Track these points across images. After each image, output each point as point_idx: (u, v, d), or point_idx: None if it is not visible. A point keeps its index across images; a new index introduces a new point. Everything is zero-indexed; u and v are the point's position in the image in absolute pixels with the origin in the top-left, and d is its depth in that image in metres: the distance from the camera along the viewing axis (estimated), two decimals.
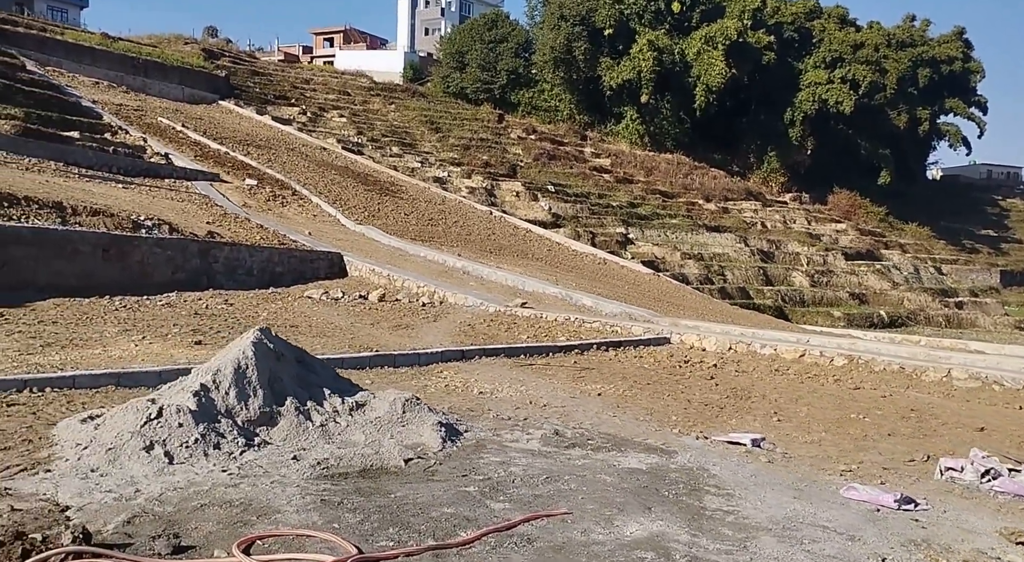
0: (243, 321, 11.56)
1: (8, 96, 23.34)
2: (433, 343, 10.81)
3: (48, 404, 6.34)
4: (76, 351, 8.57)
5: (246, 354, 5.39)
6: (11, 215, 12.57)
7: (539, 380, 8.59)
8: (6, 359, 7.88)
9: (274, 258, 15.81)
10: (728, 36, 47.67)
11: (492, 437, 5.71)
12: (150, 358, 8.51)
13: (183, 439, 4.74)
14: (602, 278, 23.39)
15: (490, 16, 51.79)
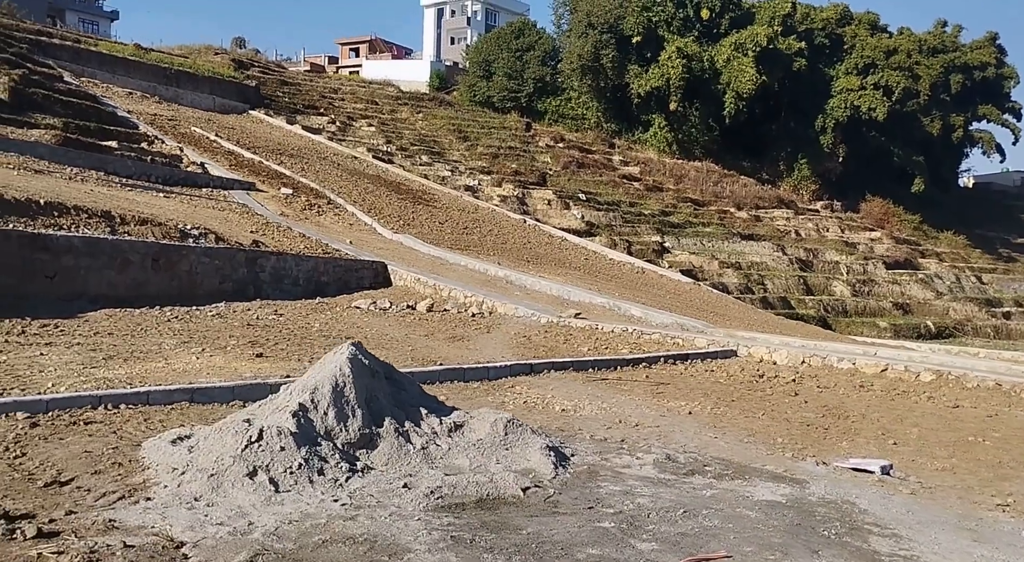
0: (297, 333, 11.28)
1: (47, 106, 23.43)
2: (493, 355, 10.45)
3: (125, 422, 6.05)
4: (139, 364, 8.30)
5: (343, 371, 5.05)
6: (61, 224, 12.41)
7: (618, 396, 8.19)
8: (71, 373, 7.63)
9: (320, 268, 15.56)
10: (758, 43, 47.13)
11: (601, 462, 5.33)
12: (215, 372, 8.22)
13: (286, 464, 4.41)
14: (642, 287, 22.93)
15: (517, 24, 51.65)
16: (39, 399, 6.08)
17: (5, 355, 8.22)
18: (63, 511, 3.93)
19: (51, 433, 5.53)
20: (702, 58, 47.81)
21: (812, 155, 50.87)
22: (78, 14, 51.21)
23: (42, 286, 11.64)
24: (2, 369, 7.62)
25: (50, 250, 11.70)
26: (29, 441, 5.27)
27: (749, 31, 47.47)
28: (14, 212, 11.96)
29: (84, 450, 5.06)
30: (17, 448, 5.08)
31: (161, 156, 23.93)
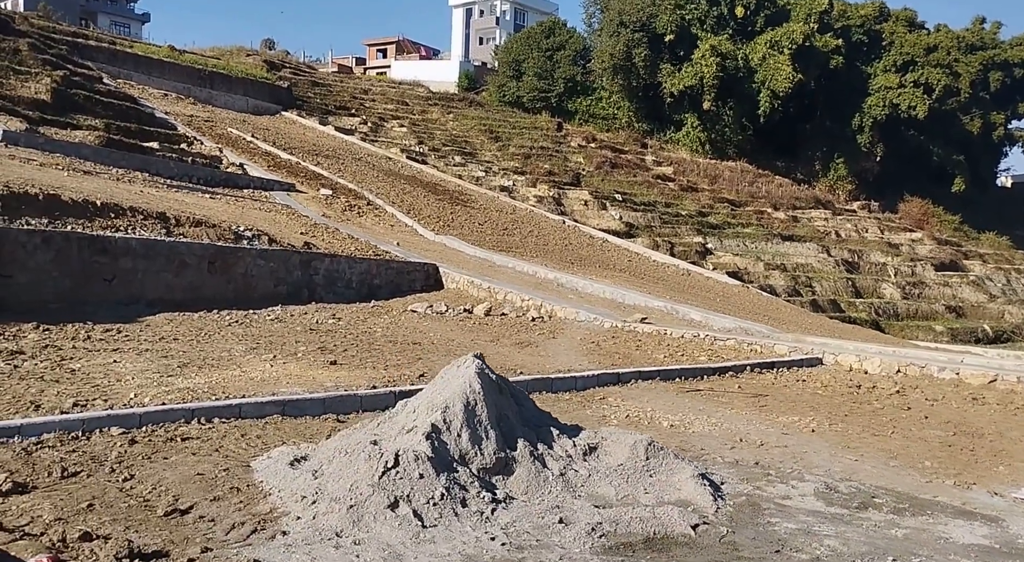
0: (362, 338, 10.88)
1: (88, 107, 23.34)
2: (568, 363, 9.98)
3: (223, 437, 5.65)
4: (215, 373, 7.93)
5: (473, 388, 4.60)
6: (118, 226, 12.13)
7: (721, 409, 7.67)
8: (150, 382, 7.27)
9: (372, 270, 15.18)
10: (795, 40, 46.24)
11: (755, 491, 4.82)
12: (293, 381, 7.82)
13: (428, 494, 3.96)
14: (690, 290, 22.34)
15: (547, 24, 51.14)
16: (132, 413, 5.71)
17: (79, 362, 7.88)
18: (198, 548, 3.53)
19: (152, 451, 5.14)
20: (736, 56, 47.01)
21: (849, 154, 49.83)
22: (110, 16, 51.50)
23: (101, 290, 11.35)
24: (79, 378, 7.28)
25: (108, 253, 11.41)
26: (133, 461, 4.88)
27: (785, 28, 46.60)
28: (71, 213, 11.69)
29: (196, 472, 4.65)
30: (123, 469, 4.69)
31: (201, 157, 23.76)
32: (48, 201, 11.46)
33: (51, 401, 6.33)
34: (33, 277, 10.60)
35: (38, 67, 23.38)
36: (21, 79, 22.22)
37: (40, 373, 7.33)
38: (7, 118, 18.82)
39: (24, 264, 10.52)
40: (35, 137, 18.47)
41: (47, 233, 10.78)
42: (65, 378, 7.22)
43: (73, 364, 7.84)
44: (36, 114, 20.42)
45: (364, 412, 6.86)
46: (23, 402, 6.19)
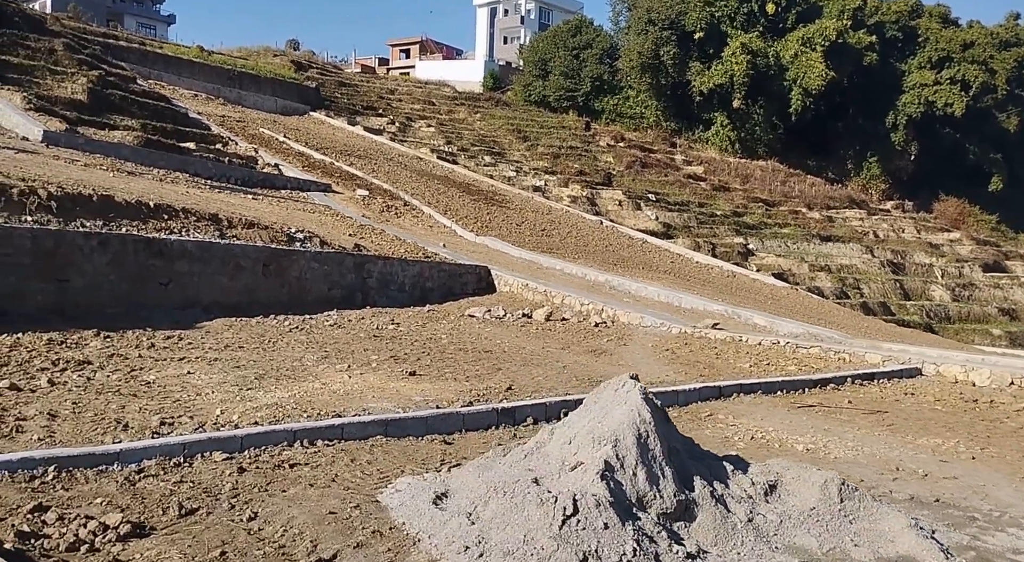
0: (430, 346, 10.33)
1: (124, 108, 23.01)
2: (651, 373, 9.38)
3: (331, 463, 5.11)
4: (295, 385, 7.41)
5: (643, 417, 4.02)
6: (172, 227, 11.67)
7: (848, 430, 7.05)
8: (232, 396, 6.75)
9: (425, 273, 14.66)
10: (827, 37, 45.34)
11: (977, 543, 4.20)
12: (378, 394, 7.29)
13: (618, 550, 3.39)
14: (738, 292, 21.64)
15: (574, 22, 50.51)
16: (234, 436, 5.18)
17: (152, 373, 7.39)
18: None
19: (266, 482, 4.61)
20: (767, 54, 46.14)
21: (882, 153, 48.83)
22: (136, 18, 51.46)
23: (156, 294, 10.89)
24: (157, 391, 6.78)
25: (165, 256, 10.95)
26: (251, 495, 4.36)
27: (818, 25, 45.69)
28: (125, 215, 11.25)
29: (325, 511, 4.12)
30: (243, 505, 4.17)
31: (237, 157, 23.38)
32: (102, 202, 11.03)
33: (136, 418, 5.83)
34: (90, 281, 10.16)
35: (73, 67, 23.09)
36: (57, 79, 21.93)
37: (115, 386, 6.84)
38: (46, 118, 18.49)
39: (81, 268, 10.08)
40: (75, 137, 18.13)
41: (103, 236, 10.34)
42: (142, 392, 6.73)
43: (146, 375, 7.35)
44: (74, 114, 20.09)
45: (467, 431, 6.31)
46: (108, 420, 5.70)
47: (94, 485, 4.32)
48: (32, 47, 22.85)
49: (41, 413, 5.70)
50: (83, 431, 5.36)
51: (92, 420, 5.68)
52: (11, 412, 5.67)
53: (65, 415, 5.76)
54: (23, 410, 5.74)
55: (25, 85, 20.45)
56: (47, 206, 10.31)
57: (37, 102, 19.14)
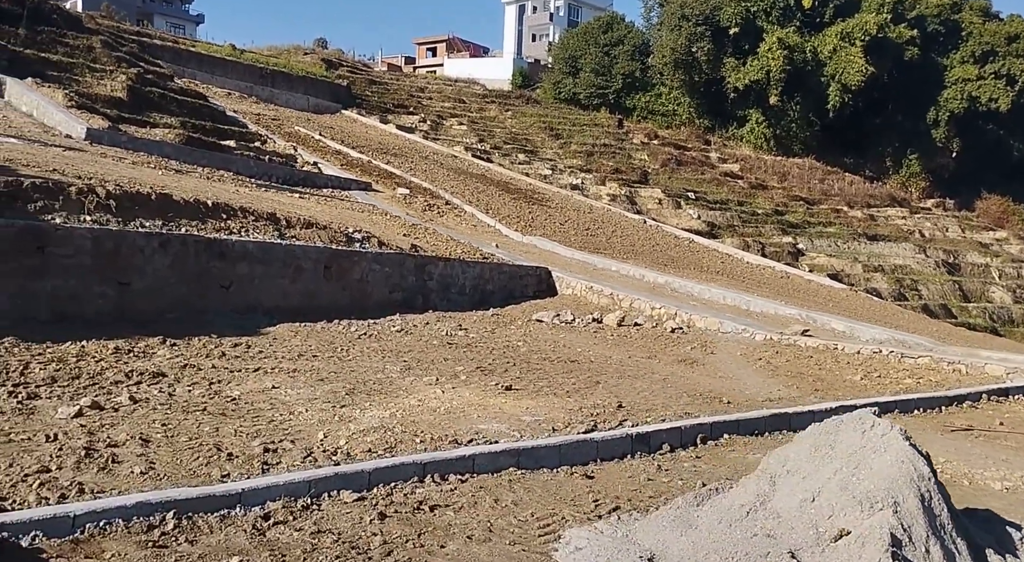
0: (511, 355, 9.66)
1: (163, 105, 22.59)
2: (759, 387, 8.65)
3: (473, 505, 4.43)
4: (390, 402, 6.76)
5: (920, 470, 3.31)
6: (231, 228, 11.09)
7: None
8: (330, 418, 6.11)
9: (485, 274, 13.99)
10: (867, 31, 44.13)
11: None
12: (480, 412, 6.62)
13: None
14: (795, 293, 20.78)
15: (605, 19, 49.68)
16: (360, 471, 4.52)
17: (234, 388, 6.77)
18: None
19: (415, 532, 3.96)
20: (804, 49, 44.99)
21: (923, 150, 47.51)
22: (165, 18, 51.34)
23: (217, 297, 10.32)
24: (245, 410, 6.16)
25: (226, 257, 10.37)
26: (406, 551, 3.70)
27: (857, 19, 44.49)
28: (183, 214, 10.68)
29: None
30: None
31: (277, 156, 22.89)
32: (160, 201, 10.47)
33: (234, 443, 5.20)
34: (150, 284, 9.60)
35: (112, 65, 22.71)
36: (96, 77, 21.55)
37: (200, 403, 6.23)
38: (88, 116, 18.06)
39: (142, 270, 9.52)
40: (118, 135, 17.68)
41: (164, 236, 9.77)
42: (231, 410, 6.11)
43: (228, 390, 6.73)
44: (114, 112, 19.67)
45: (602, 461, 5.60)
46: (206, 446, 5.07)
47: (221, 536, 3.69)
48: (71, 45, 22.51)
49: (132, 437, 5.09)
50: (183, 461, 4.74)
51: (189, 446, 5.05)
52: (100, 436, 5.06)
53: (158, 440, 5.14)
54: (112, 434, 5.13)
55: (65, 82, 20.07)
56: (106, 205, 9.76)
57: (79, 100, 18.73)
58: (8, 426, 5.13)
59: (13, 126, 15.63)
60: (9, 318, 8.24)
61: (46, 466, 4.35)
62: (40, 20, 22.32)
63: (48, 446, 4.75)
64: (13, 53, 19.91)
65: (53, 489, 4.00)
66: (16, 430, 5.05)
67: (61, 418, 5.42)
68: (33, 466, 4.34)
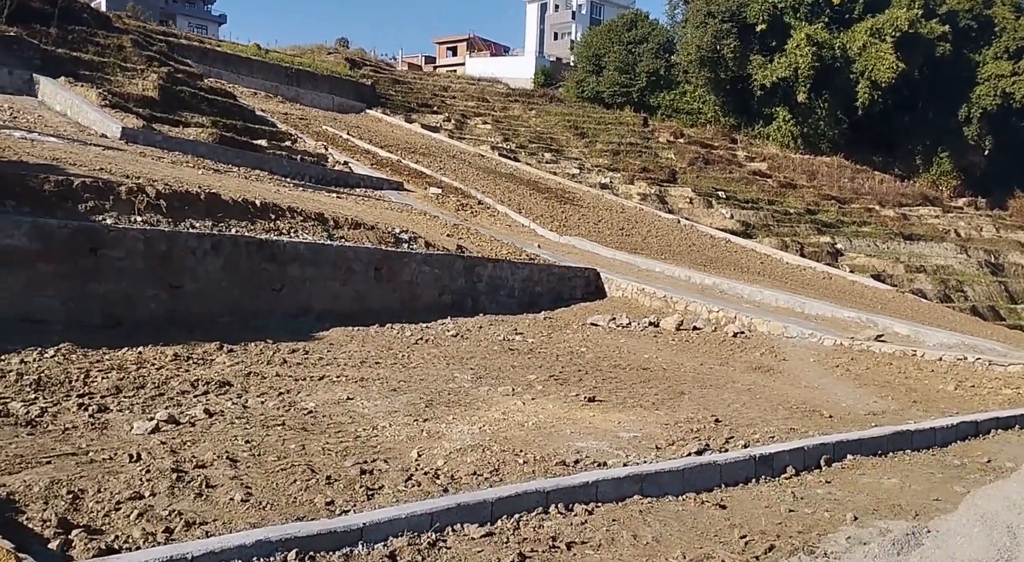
0: (577, 361, 9.22)
1: (194, 105, 22.34)
2: (851, 398, 8.15)
3: (611, 542, 4.01)
4: (472, 415, 6.34)
5: None
6: (279, 228, 10.72)
7: None
8: (416, 434, 5.69)
9: (534, 276, 13.55)
10: (899, 27, 43.28)
11: None
12: (569, 426, 6.19)
13: None
14: (840, 295, 20.18)
15: (629, 16, 49.11)
16: (482, 501, 4.09)
17: (307, 399, 6.36)
18: None
19: None
20: (833, 46, 44.20)
21: (954, 148, 46.57)
22: (188, 18, 51.31)
23: (269, 301, 9.94)
24: (325, 424, 5.75)
25: (277, 259, 9.99)
26: None
27: (888, 15, 43.65)
28: (232, 215, 10.32)
29: None
30: None
31: (308, 155, 22.60)
32: (209, 201, 10.11)
33: (325, 463, 4.79)
34: (202, 287, 9.23)
35: (142, 64, 22.49)
36: (128, 76, 21.32)
37: (277, 416, 5.82)
38: (122, 115, 17.80)
39: (194, 273, 9.15)
40: (152, 134, 17.41)
41: (216, 237, 9.40)
42: (310, 424, 5.70)
43: (301, 401, 6.33)
44: (146, 111, 19.42)
45: (727, 486, 5.12)
46: (298, 467, 4.66)
47: None
48: (101, 44, 22.30)
49: (219, 457, 4.68)
50: (279, 485, 4.32)
51: (280, 467, 4.64)
52: (184, 455, 4.66)
53: (246, 459, 4.73)
54: (197, 453, 4.72)
55: (97, 82, 19.84)
56: (156, 205, 9.41)
57: (112, 99, 18.49)
58: (85, 443, 4.74)
59: (49, 125, 15.38)
60: (62, 322, 7.91)
61: (138, 492, 3.95)
62: (71, 19, 22.13)
63: (133, 467, 4.36)
64: (45, 52, 19.71)
65: (153, 520, 3.59)
66: (94, 448, 4.66)
67: (138, 434, 5.03)
68: (124, 491, 3.94)
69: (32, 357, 6.75)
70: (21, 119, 15.15)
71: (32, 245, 7.73)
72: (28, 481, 3.98)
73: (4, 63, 18.37)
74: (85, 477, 4.13)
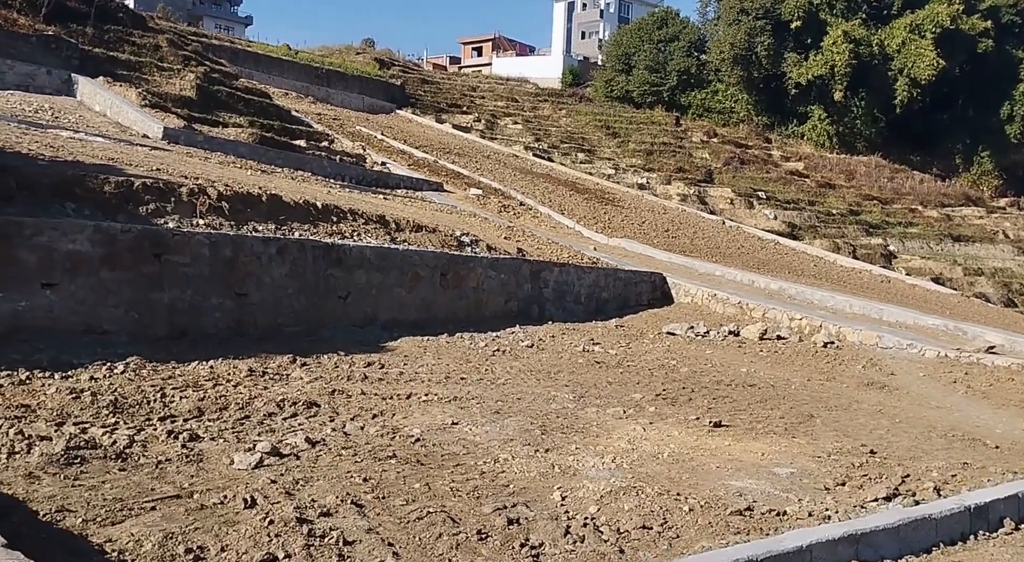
0: (673, 375, 8.48)
1: (230, 105, 21.86)
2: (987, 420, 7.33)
3: None
4: (594, 441, 5.64)
5: None
6: (342, 231, 10.08)
7: None
8: (546, 469, 5.01)
9: (600, 281, 12.83)
10: (939, 23, 42.10)
11: None
12: (706, 457, 5.45)
13: None
14: (904, 299, 19.26)
15: (659, 15, 48.27)
16: None
17: (409, 425, 5.68)
18: None
19: None
20: (871, 42, 43.07)
21: (995, 147, 45.25)
22: (215, 19, 51.13)
23: (335, 309, 9.30)
24: (437, 454, 5.06)
25: (343, 265, 9.35)
26: None
27: (928, 11, 42.48)
28: (294, 217, 9.70)
29: None
30: None
31: (347, 155, 22.05)
32: (271, 203, 9.50)
33: (462, 510, 4.10)
34: (268, 295, 8.60)
35: (179, 64, 22.05)
36: (165, 76, 20.87)
37: (382, 445, 5.14)
38: (163, 115, 17.32)
39: (259, 280, 8.52)
40: (194, 135, 16.91)
41: (282, 242, 8.77)
42: (423, 455, 5.01)
43: (401, 426, 5.65)
44: (184, 111, 18.93)
45: (944, 545, 4.35)
46: (434, 513, 3.97)
47: None
48: (137, 43, 21.89)
49: (342, 501, 4.00)
50: (426, 541, 3.65)
51: (414, 514, 3.96)
52: (302, 498, 3.98)
53: (371, 503, 4.05)
54: (315, 496, 4.05)
55: (135, 81, 19.39)
56: (218, 207, 8.80)
57: (151, 99, 18.01)
58: (186, 481, 4.09)
59: (91, 125, 14.90)
60: (127, 333, 7.31)
61: (272, 554, 3.28)
62: (107, 19, 21.74)
63: (251, 515, 3.69)
64: (84, 52, 19.30)
65: None
66: (198, 487, 4.01)
67: (241, 469, 4.38)
68: (253, 552, 3.27)
69: (102, 373, 6.14)
70: (63, 119, 14.68)
71: (96, 250, 7.13)
72: (137, 535, 3.33)
73: (43, 63, 17.95)
74: (201, 529, 3.47)
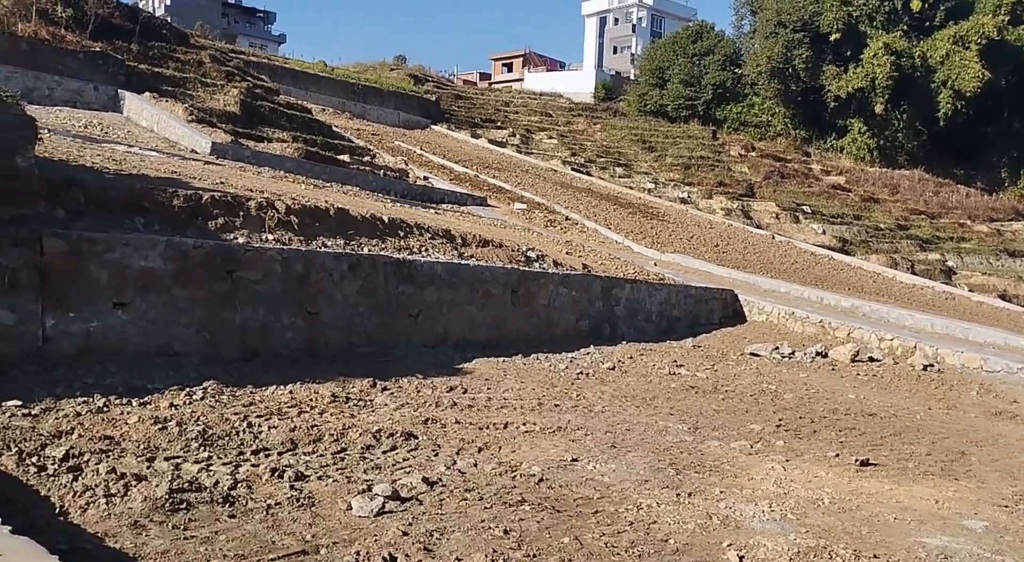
0: (781, 403, 7.78)
1: (273, 120, 21.62)
2: None
3: None
4: (736, 483, 4.97)
5: None
6: (410, 246, 9.55)
7: None
8: (702, 520, 4.35)
9: (671, 299, 12.16)
10: (985, 34, 41.06)
11: None
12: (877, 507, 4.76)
13: None
14: (975, 317, 18.28)
15: (693, 28, 47.73)
16: None
17: (527, 462, 5.05)
18: None
19: None
20: (912, 54, 42.08)
21: None
22: (249, 38, 51.62)
23: (406, 328, 8.74)
24: (571, 500, 4.45)
25: (414, 281, 8.80)
26: None
27: (973, 22, 41.43)
28: (362, 232, 9.19)
29: None
30: None
31: (390, 170, 21.68)
32: (339, 217, 9.01)
33: None
34: (339, 314, 8.07)
35: (222, 80, 21.91)
36: (209, 91, 20.70)
37: (507, 487, 4.53)
38: (210, 130, 17.06)
39: (331, 297, 8.00)
40: (241, 149, 16.61)
41: (354, 257, 8.25)
42: (557, 502, 4.39)
43: (518, 463, 5.04)
44: (229, 126, 18.68)
45: None
46: None
47: None
48: (181, 59, 21.80)
49: (490, 559, 3.38)
50: None
51: None
52: (442, 554, 3.37)
53: (521, 561, 3.43)
54: (460, 552, 3.45)
55: (179, 97, 19.22)
56: (287, 222, 8.32)
57: (197, 114, 17.79)
58: (306, 532, 3.51)
59: (141, 140, 14.62)
60: (199, 354, 6.80)
61: None
62: (151, 35, 21.68)
63: None
64: (129, 68, 19.17)
65: None
66: (322, 540, 3.43)
67: (363, 517, 3.79)
68: None
69: (181, 400, 5.62)
70: (113, 134, 14.42)
71: (168, 267, 6.65)
72: None
73: (90, 79, 17.82)
74: None
